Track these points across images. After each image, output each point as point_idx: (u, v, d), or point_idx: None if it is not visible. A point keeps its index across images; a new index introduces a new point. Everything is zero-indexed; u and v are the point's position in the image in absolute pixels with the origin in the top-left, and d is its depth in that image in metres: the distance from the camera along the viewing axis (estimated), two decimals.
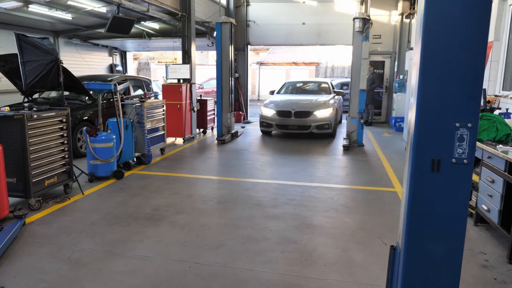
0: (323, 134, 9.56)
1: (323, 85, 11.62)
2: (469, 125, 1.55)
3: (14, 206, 4.36)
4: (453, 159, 1.59)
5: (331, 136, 9.73)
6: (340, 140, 9.58)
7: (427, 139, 1.60)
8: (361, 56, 8.56)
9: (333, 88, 11.39)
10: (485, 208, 3.94)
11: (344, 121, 11.55)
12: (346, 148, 8.47)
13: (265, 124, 9.80)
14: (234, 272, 3.21)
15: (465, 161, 1.58)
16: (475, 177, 4.32)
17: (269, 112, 9.71)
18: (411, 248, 1.73)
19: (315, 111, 9.29)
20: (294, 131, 9.52)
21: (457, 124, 1.56)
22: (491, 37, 7.05)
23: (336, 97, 10.77)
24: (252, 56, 26.47)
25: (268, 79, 26.39)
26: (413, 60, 1.71)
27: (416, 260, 1.73)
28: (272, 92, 11.57)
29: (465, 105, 1.55)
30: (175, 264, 3.36)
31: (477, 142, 4.16)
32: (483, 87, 6.46)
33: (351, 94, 8.95)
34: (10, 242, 3.65)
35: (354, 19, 8.52)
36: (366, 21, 8.45)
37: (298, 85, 12.03)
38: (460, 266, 1.71)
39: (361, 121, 8.85)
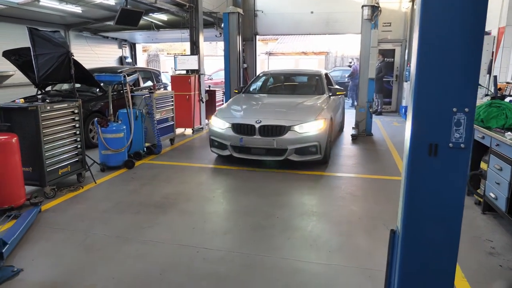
0: (307, 163, 5.91)
1: (314, 79, 7.87)
2: (466, 109, 1.59)
3: (30, 194, 4.53)
4: (450, 144, 1.62)
5: (322, 162, 6.08)
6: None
7: (425, 124, 1.64)
8: (369, 45, 8.51)
9: (329, 83, 7.84)
10: (493, 196, 3.95)
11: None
12: (355, 138, 8.47)
13: (216, 143, 6.19)
14: (241, 257, 3.31)
15: (462, 145, 1.62)
16: (483, 165, 4.32)
17: (221, 125, 6.06)
18: (408, 231, 1.78)
19: (294, 124, 5.66)
20: (260, 157, 5.82)
21: (454, 109, 1.59)
22: (503, 22, 6.95)
23: (333, 98, 7.18)
24: (261, 46, 26.32)
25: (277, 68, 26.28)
26: (413, 47, 1.75)
27: (414, 243, 1.78)
28: (240, 90, 7.91)
29: (462, 90, 1.58)
30: (184, 249, 3.47)
31: (485, 130, 4.16)
32: (494, 74, 6.40)
33: (359, 83, 8.92)
34: (28, 227, 3.80)
35: (362, 6, 8.46)
36: (374, 9, 8.38)
37: (277, 78, 8.42)
38: (457, 250, 1.75)
39: (370, 110, 8.83)
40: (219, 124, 6.13)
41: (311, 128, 5.75)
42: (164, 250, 3.45)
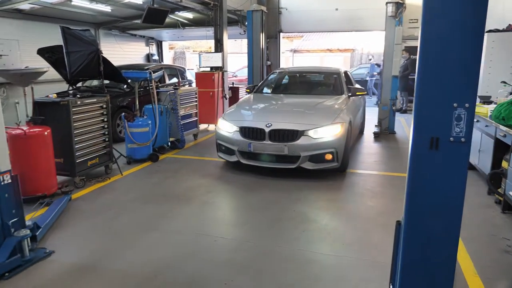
0: (323, 171, 5.45)
1: (331, 77, 7.20)
2: (466, 105, 1.65)
3: (61, 184, 4.83)
4: (451, 138, 1.69)
5: (339, 170, 5.50)
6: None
7: (427, 119, 1.71)
8: (393, 42, 8.45)
9: (349, 82, 7.15)
10: None
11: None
12: (377, 136, 8.44)
13: (223, 148, 5.76)
14: (257, 247, 3.44)
15: (462, 139, 1.68)
16: (504, 164, 4.28)
17: (229, 128, 5.62)
18: (410, 222, 1.86)
19: (308, 129, 5.16)
20: (270, 165, 5.32)
21: (455, 104, 1.66)
22: None
23: (353, 98, 6.56)
24: (286, 44, 26.38)
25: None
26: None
27: (415, 234, 1.86)
28: (252, 89, 7.32)
29: (462, 86, 1.64)
30: (203, 237, 3.64)
31: (506, 128, 4.12)
32: None
33: (383, 80, 8.86)
34: (59, 214, 4.07)
35: (386, 3, 8.40)
36: (399, 5, 8.31)
37: (291, 77, 7.74)
38: (458, 240, 1.81)
39: (393, 108, 8.77)
40: (226, 127, 5.69)
41: (327, 133, 5.18)
42: (185, 238, 3.63)
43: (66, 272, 3.07)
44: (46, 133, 4.49)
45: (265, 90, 7.27)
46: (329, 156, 5.14)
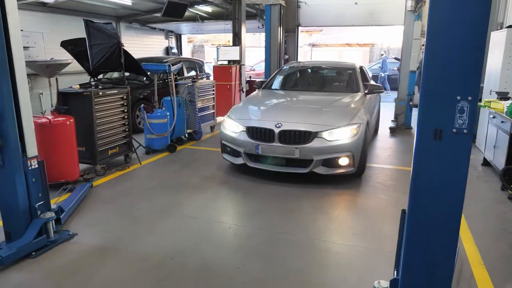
0: (337, 177, 5.01)
1: (346, 73, 6.72)
2: (469, 98, 1.72)
3: (83, 171, 5.04)
4: (454, 129, 1.76)
5: (354, 175, 5.06)
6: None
7: (431, 111, 1.79)
8: (412, 37, 8.38)
9: (364, 79, 6.69)
10: None
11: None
12: (393, 130, 8.42)
13: (228, 149, 5.34)
14: (268, 234, 3.57)
15: (465, 131, 1.75)
16: None
17: (235, 128, 5.21)
18: (414, 210, 1.95)
19: (322, 130, 4.73)
20: (279, 169, 4.91)
21: (458, 97, 1.73)
22: None
23: (369, 96, 6.12)
24: (305, 37, 26.27)
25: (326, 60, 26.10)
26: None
27: (418, 222, 1.94)
28: (260, 85, 6.84)
29: (466, 80, 1.71)
30: (217, 224, 3.79)
31: None
32: None
33: (400, 76, 8.82)
34: (81, 199, 4.29)
35: None
36: (418, 0, 8.22)
37: (303, 72, 7.23)
38: (459, 228, 1.88)
39: (410, 103, 8.72)
40: (232, 127, 5.25)
41: (343, 134, 4.76)
42: (200, 224, 3.79)
43: (88, 252, 3.26)
44: (69, 122, 4.70)
45: (275, 86, 6.79)
46: (344, 161, 4.75)
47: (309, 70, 7.31)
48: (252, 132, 4.97)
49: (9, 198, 3.16)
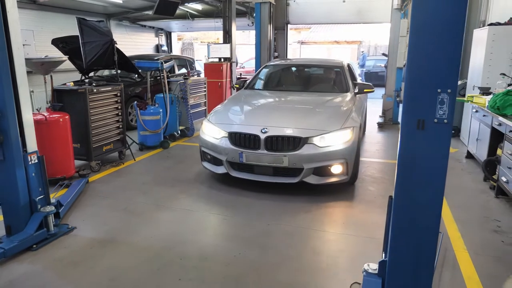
0: (329, 186, 4.62)
1: (334, 72, 6.35)
2: (449, 90, 1.87)
3: (78, 167, 5.12)
4: (435, 119, 1.92)
5: (348, 183, 4.72)
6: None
7: (414, 102, 1.94)
8: (399, 34, 8.59)
9: (353, 78, 6.39)
10: (504, 179, 4.13)
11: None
12: (381, 126, 8.64)
13: (209, 156, 4.86)
14: (262, 225, 3.71)
15: (445, 121, 1.91)
16: (498, 151, 4.48)
17: (215, 133, 4.75)
18: (400, 195, 2.11)
19: (313, 135, 4.34)
20: (266, 179, 4.45)
21: (439, 90, 1.89)
22: None
23: (359, 97, 5.76)
24: (294, 35, 26.44)
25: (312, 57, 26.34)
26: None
27: (404, 206, 2.09)
28: (242, 84, 6.45)
29: (445, 74, 1.87)
30: (213, 216, 3.92)
31: (500, 117, 4.32)
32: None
33: (387, 72, 9.03)
34: (78, 194, 4.37)
35: None
36: None
37: (288, 71, 6.88)
38: (440, 210, 2.04)
39: (397, 99, 8.94)
40: (212, 132, 4.77)
41: (336, 140, 4.35)
42: (196, 216, 3.91)
43: (88, 245, 3.36)
44: (65, 119, 4.77)
45: (258, 86, 6.34)
46: (338, 168, 4.38)
47: (294, 69, 6.92)
48: (235, 138, 4.50)
49: (10, 192, 3.24)
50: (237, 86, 6.51)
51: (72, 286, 2.78)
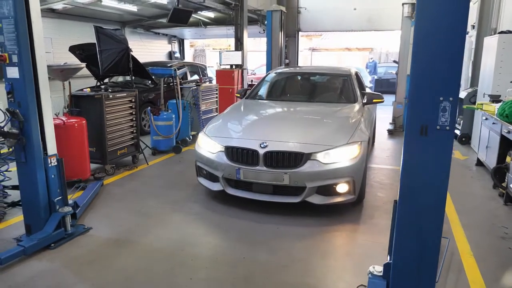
0: (333, 207, 4.21)
1: (341, 80, 5.97)
2: (451, 98, 1.96)
3: (94, 171, 5.28)
4: (437, 126, 2.00)
5: (354, 203, 4.29)
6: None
7: (418, 109, 2.03)
8: (409, 42, 8.64)
9: (361, 87, 5.96)
10: None
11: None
12: (391, 133, 8.67)
13: (204, 172, 4.55)
14: (269, 225, 3.83)
15: (447, 127, 1.99)
16: (508, 159, 4.50)
17: (211, 147, 4.43)
18: (404, 199, 2.18)
19: (316, 151, 3.99)
20: (265, 198, 4.10)
21: (441, 98, 1.97)
22: None
23: (367, 107, 5.39)
24: (306, 42, 26.59)
25: (320, 64, 26.43)
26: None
27: (408, 209, 2.17)
28: (243, 94, 6.04)
29: (447, 82, 1.95)
30: (224, 217, 4.04)
31: (509, 125, 4.35)
32: None
33: (398, 79, 9.07)
34: (93, 197, 4.53)
35: (402, 4, 8.63)
36: (415, 6, 8.47)
37: (292, 80, 6.52)
38: (443, 213, 2.12)
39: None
40: (208, 146, 4.45)
41: (342, 156, 3.99)
42: (207, 217, 4.05)
43: (104, 244, 3.49)
44: (82, 123, 4.94)
45: (260, 95, 5.99)
46: (343, 187, 4.01)
47: (299, 78, 6.54)
48: (232, 153, 4.16)
49: (31, 192, 3.40)
50: (238, 95, 6.11)
51: (89, 283, 2.90)
